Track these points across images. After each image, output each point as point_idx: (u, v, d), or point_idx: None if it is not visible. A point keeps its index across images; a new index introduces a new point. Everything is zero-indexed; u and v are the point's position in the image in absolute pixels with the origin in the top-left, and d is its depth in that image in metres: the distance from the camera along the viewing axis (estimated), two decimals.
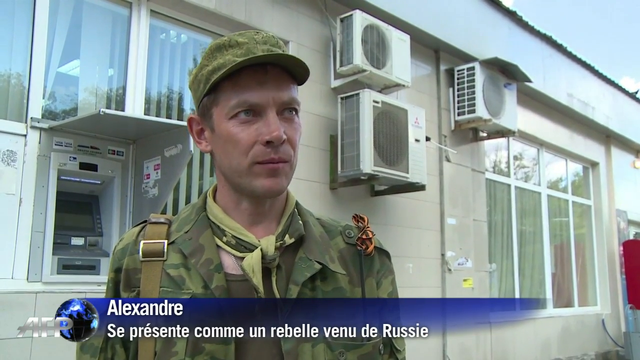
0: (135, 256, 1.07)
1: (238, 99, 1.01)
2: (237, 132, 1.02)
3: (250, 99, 1.01)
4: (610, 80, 9.33)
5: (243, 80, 1.01)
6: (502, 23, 6.91)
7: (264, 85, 1.01)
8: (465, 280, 6.00)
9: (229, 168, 1.05)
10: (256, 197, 1.06)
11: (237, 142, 1.02)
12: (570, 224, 8.84)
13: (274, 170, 1.03)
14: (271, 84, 1.02)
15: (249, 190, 1.05)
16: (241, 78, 1.01)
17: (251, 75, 1.01)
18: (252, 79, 1.01)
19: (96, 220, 3.51)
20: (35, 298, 3.07)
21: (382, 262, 1.17)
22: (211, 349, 0.98)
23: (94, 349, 1.06)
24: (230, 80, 1.02)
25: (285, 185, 1.06)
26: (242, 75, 1.01)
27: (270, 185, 1.03)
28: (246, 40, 1.03)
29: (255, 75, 1.01)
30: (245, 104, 1.01)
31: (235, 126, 1.02)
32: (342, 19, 4.80)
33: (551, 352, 7.49)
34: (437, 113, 6.00)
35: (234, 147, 1.02)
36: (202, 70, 1.05)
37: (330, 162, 4.78)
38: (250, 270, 1.00)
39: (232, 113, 1.02)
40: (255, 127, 1.02)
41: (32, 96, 3.33)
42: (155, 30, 4.05)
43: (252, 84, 1.01)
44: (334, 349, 1.03)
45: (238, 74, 1.01)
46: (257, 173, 1.02)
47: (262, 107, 1.01)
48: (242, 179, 1.04)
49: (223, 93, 1.03)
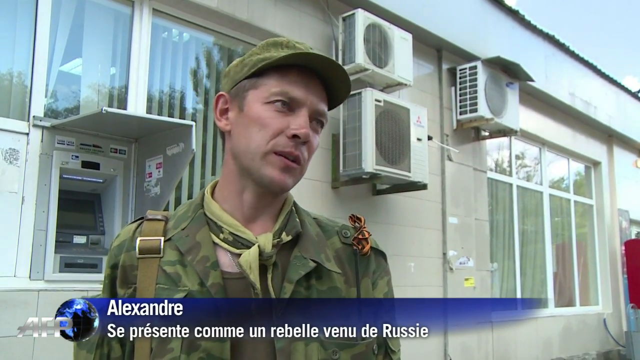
0: (132, 253, 1.07)
1: (281, 88, 1.04)
2: (268, 117, 1.04)
3: (292, 92, 1.04)
4: (613, 79, 9.31)
5: (290, 75, 1.05)
6: (504, 22, 6.90)
7: (308, 87, 1.06)
8: (466, 280, 6.00)
9: (246, 149, 1.06)
10: (260, 187, 1.07)
11: (265, 125, 1.04)
12: (572, 223, 8.83)
13: (287, 166, 1.05)
14: (313, 89, 1.06)
15: (256, 175, 1.06)
16: (289, 73, 1.05)
17: (299, 73, 1.05)
18: (299, 77, 1.05)
19: (98, 218, 3.51)
20: (37, 296, 3.07)
21: (378, 262, 1.18)
22: (207, 346, 0.99)
23: (90, 344, 1.06)
24: (277, 71, 1.05)
25: (290, 185, 1.07)
26: (290, 71, 1.05)
27: (278, 178, 1.05)
28: (302, 47, 1.08)
29: (303, 75, 1.06)
30: (286, 95, 1.04)
31: (269, 111, 1.05)
32: (344, 18, 4.80)
33: (553, 352, 7.49)
34: (439, 112, 6.00)
35: (260, 129, 1.05)
36: (252, 57, 1.09)
37: (332, 161, 4.78)
38: (248, 267, 1.01)
39: (270, 99, 1.05)
40: (287, 119, 1.04)
41: (35, 94, 3.33)
42: (158, 28, 4.05)
43: (297, 81, 1.05)
44: (327, 347, 1.03)
45: (287, 68, 1.05)
46: (270, 162, 1.04)
47: (299, 104, 1.05)
48: (254, 162, 1.05)
49: (266, 79, 1.06)
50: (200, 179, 4.25)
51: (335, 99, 1.12)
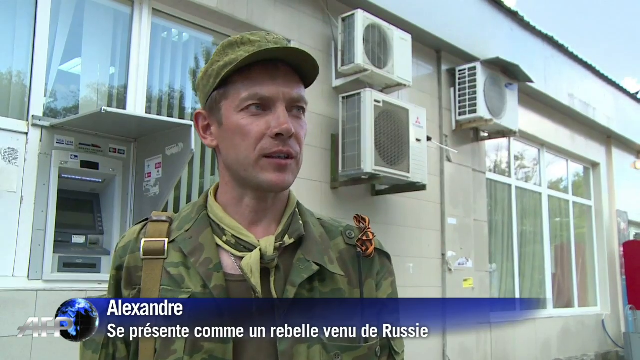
0: (137, 254, 1.08)
1: (249, 92, 1.02)
2: (246, 124, 1.03)
3: (261, 92, 1.02)
4: (612, 80, 9.33)
5: (254, 74, 1.03)
6: (503, 23, 6.90)
7: (275, 80, 1.03)
8: (465, 280, 6.00)
9: (236, 161, 1.05)
10: (260, 192, 1.07)
11: (247, 133, 1.03)
12: (571, 224, 8.84)
13: (280, 165, 1.04)
14: (282, 80, 1.04)
15: (254, 183, 1.05)
16: (253, 72, 1.03)
17: (263, 70, 1.03)
18: (264, 73, 1.03)
19: (97, 218, 3.51)
20: (35, 296, 3.07)
21: (382, 263, 1.17)
22: (210, 348, 0.99)
23: (95, 344, 1.07)
24: (241, 75, 1.03)
25: (290, 181, 1.07)
26: (253, 70, 1.03)
27: (276, 180, 1.04)
28: (258, 39, 1.05)
29: (267, 70, 1.03)
30: (256, 97, 1.02)
31: (245, 118, 1.03)
32: (344, 19, 4.80)
33: (551, 353, 7.49)
34: (439, 113, 6.00)
35: (243, 139, 1.03)
36: (213, 66, 1.07)
37: (332, 162, 4.78)
38: (249, 270, 1.01)
39: (242, 105, 1.03)
40: (265, 119, 1.03)
41: (34, 94, 3.33)
42: (157, 28, 4.05)
43: (263, 78, 1.03)
44: (329, 350, 1.03)
45: (249, 68, 1.03)
46: (263, 167, 1.03)
47: (272, 101, 1.03)
48: (248, 172, 1.04)
49: (233, 86, 1.04)
50: (199, 179, 4.25)
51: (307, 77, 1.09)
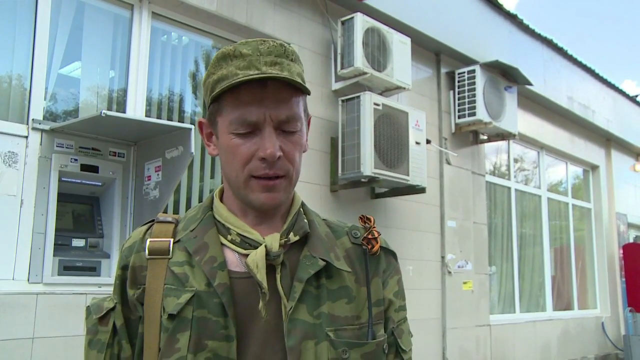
0: (142, 254, 1.09)
1: (237, 115, 1.02)
2: (236, 145, 1.03)
3: (248, 117, 1.02)
4: (611, 83, 9.34)
5: (243, 96, 1.02)
6: (502, 26, 6.92)
7: (262, 103, 1.01)
8: (465, 283, 6.00)
9: (229, 177, 1.07)
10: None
11: (235, 155, 1.04)
12: (570, 227, 8.85)
13: (268, 186, 1.04)
14: (270, 101, 1.02)
15: (246, 201, 1.07)
16: (241, 93, 1.02)
17: (250, 90, 1.01)
18: (251, 95, 1.01)
19: (97, 221, 3.51)
20: (36, 299, 3.07)
21: (389, 262, 1.19)
22: (213, 346, 1.00)
23: (100, 344, 1.08)
24: (232, 94, 1.02)
25: (282, 199, 1.07)
26: (242, 90, 1.01)
27: (265, 199, 1.05)
28: (250, 52, 1.03)
29: (254, 91, 1.01)
30: (244, 122, 1.02)
31: (235, 139, 1.04)
32: (343, 22, 4.81)
33: (551, 355, 7.49)
34: (438, 116, 6.01)
35: (233, 159, 1.04)
36: (209, 78, 1.07)
37: (331, 165, 4.78)
38: (255, 267, 1.01)
39: (231, 129, 1.03)
40: (253, 141, 1.03)
41: (34, 98, 3.34)
42: (157, 32, 4.06)
43: (251, 100, 1.01)
44: (337, 347, 1.03)
45: (238, 88, 1.01)
46: (252, 187, 1.04)
47: (259, 125, 1.02)
48: (240, 191, 1.06)
49: (225, 105, 1.04)
50: (199, 182, 4.25)
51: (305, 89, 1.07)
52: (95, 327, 1.09)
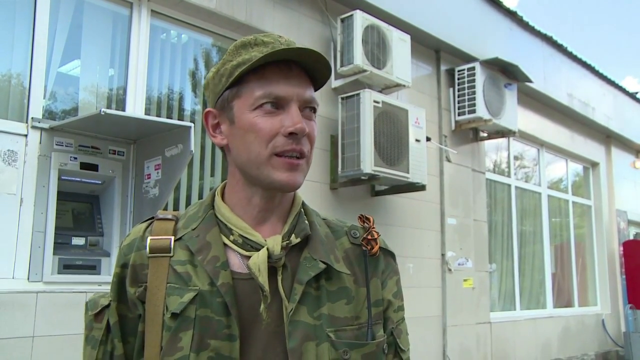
0: (143, 252, 1.08)
1: (264, 91, 1.03)
2: (260, 122, 1.03)
3: (276, 91, 1.03)
4: (611, 80, 9.34)
5: (268, 74, 1.03)
6: (502, 23, 6.91)
7: (290, 81, 1.04)
8: (465, 280, 6.00)
9: (247, 159, 1.06)
10: (270, 191, 1.07)
11: (259, 131, 1.03)
12: (571, 224, 8.85)
13: (292, 165, 1.04)
14: (295, 81, 1.05)
15: (266, 182, 1.05)
16: (267, 72, 1.03)
17: (276, 70, 1.04)
18: (278, 74, 1.04)
19: (97, 220, 3.51)
20: (36, 298, 3.07)
21: (387, 262, 1.19)
22: (216, 345, 0.99)
23: (94, 340, 1.09)
24: (255, 74, 1.04)
25: (301, 182, 1.07)
26: (267, 70, 1.03)
27: (288, 179, 1.04)
28: (271, 40, 1.06)
29: (281, 70, 1.04)
30: (271, 96, 1.03)
31: (259, 116, 1.03)
32: (343, 19, 4.81)
33: (551, 352, 7.50)
34: (438, 113, 6.00)
35: (256, 136, 1.04)
36: (226, 65, 1.07)
37: (331, 162, 4.78)
38: (257, 269, 1.01)
39: (256, 104, 1.03)
40: (278, 118, 1.03)
41: (33, 96, 3.33)
42: (156, 30, 4.05)
43: (278, 78, 1.03)
44: (338, 347, 1.03)
45: (263, 68, 1.03)
46: (275, 165, 1.04)
47: (286, 101, 1.03)
48: (260, 170, 1.05)
49: (247, 85, 1.04)
50: (199, 180, 4.25)
51: (319, 78, 1.10)
52: (91, 324, 1.10)
